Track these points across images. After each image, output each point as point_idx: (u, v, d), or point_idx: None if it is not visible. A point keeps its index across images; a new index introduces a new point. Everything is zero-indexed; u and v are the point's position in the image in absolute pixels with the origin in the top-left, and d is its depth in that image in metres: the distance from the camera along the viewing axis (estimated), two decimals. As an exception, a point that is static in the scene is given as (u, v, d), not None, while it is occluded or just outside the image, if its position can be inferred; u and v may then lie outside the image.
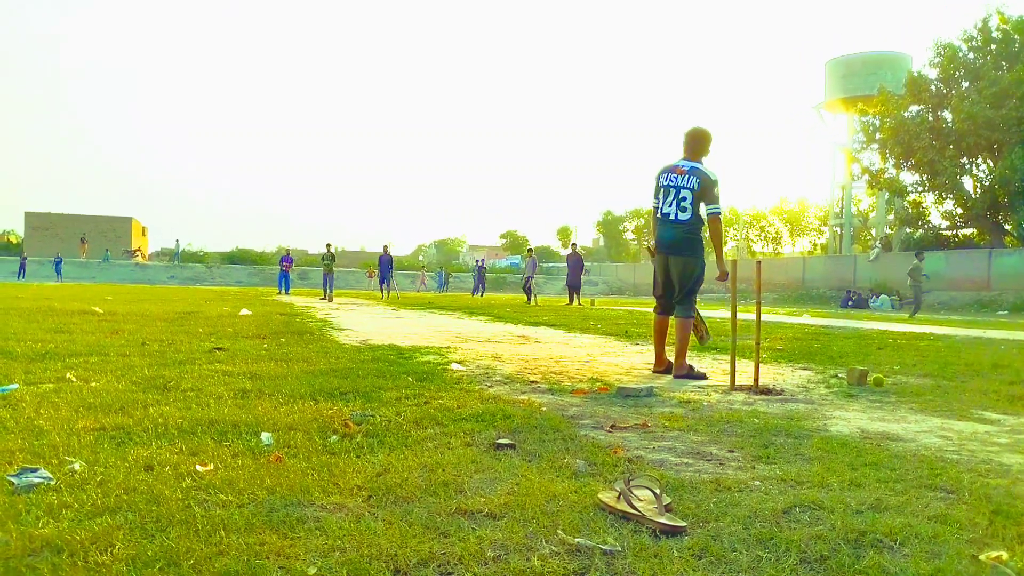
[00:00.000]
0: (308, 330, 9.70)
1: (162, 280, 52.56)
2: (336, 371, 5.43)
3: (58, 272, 46.82)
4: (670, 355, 6.20)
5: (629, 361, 6.97)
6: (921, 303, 23.43)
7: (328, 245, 27.20)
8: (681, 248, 6.01)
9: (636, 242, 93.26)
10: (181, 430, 3.33)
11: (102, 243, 62.97)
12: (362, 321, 12.79)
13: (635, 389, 4.79)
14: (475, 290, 36.78)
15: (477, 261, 42.39)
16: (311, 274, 53.01)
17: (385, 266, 28.24)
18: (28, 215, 67.79)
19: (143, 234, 76.79)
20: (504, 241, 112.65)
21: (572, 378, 5.60)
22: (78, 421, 3.46)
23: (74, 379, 4.71)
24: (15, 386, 4.32)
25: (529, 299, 25.84)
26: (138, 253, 65.87)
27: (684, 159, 6.02)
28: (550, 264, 71.05)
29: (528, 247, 32.25)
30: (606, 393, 4.88)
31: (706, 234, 6.04)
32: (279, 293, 28.73)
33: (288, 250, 32.63)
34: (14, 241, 72.00)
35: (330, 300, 23.80)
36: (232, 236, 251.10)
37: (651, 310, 6.49)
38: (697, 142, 6.03)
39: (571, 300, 24.70)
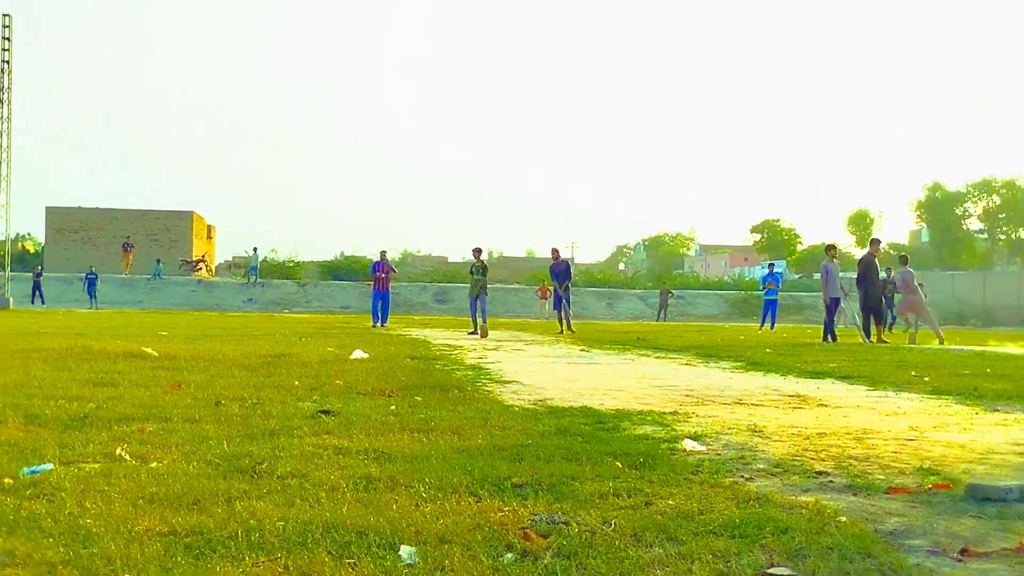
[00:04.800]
0: (455, 383, 8.06)
1: (236, 305, 42.67)
2: (503, 449, 4.44)
3: (91, 294, 37.62)
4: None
5: (984, 439, 5.41)
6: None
7: (477, 251, 20.45)
8: None
9: (986, 234, 67.92)
10: (283, 538, 2.71)
11: (152, 251, 49.78)
12: (535, 369, 10.43)
13: (999, 488, 3.78)
14: (765, 319, 26.60)
15: (770, 267, 30.48)
16: (453, 294, 43.29)
17: (561, 279, 21.72)
18: (50, 211, 53.65)
19: (208, 236, 61.24)
20: (758, 238, 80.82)
21: (886, 467, 4.40)
22: (138, 520, 2.88)
23: (127, 456, 4.03)
24: (48, 466, 3.67)
25: (868, 336, 17.74)
26: (202, 265, 53.48)
27: None
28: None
29: (829, 243, 21.82)
30: (947, 492, 3.81)
31: None
32: (374, 325, 22.21)
33: (384, 253, 24.29)
34: (31, 250, 58.65)
35: (484, 335, 18.30)
36: (335, 239, 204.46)
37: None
38: None
39: (868, 334, 17.62)
